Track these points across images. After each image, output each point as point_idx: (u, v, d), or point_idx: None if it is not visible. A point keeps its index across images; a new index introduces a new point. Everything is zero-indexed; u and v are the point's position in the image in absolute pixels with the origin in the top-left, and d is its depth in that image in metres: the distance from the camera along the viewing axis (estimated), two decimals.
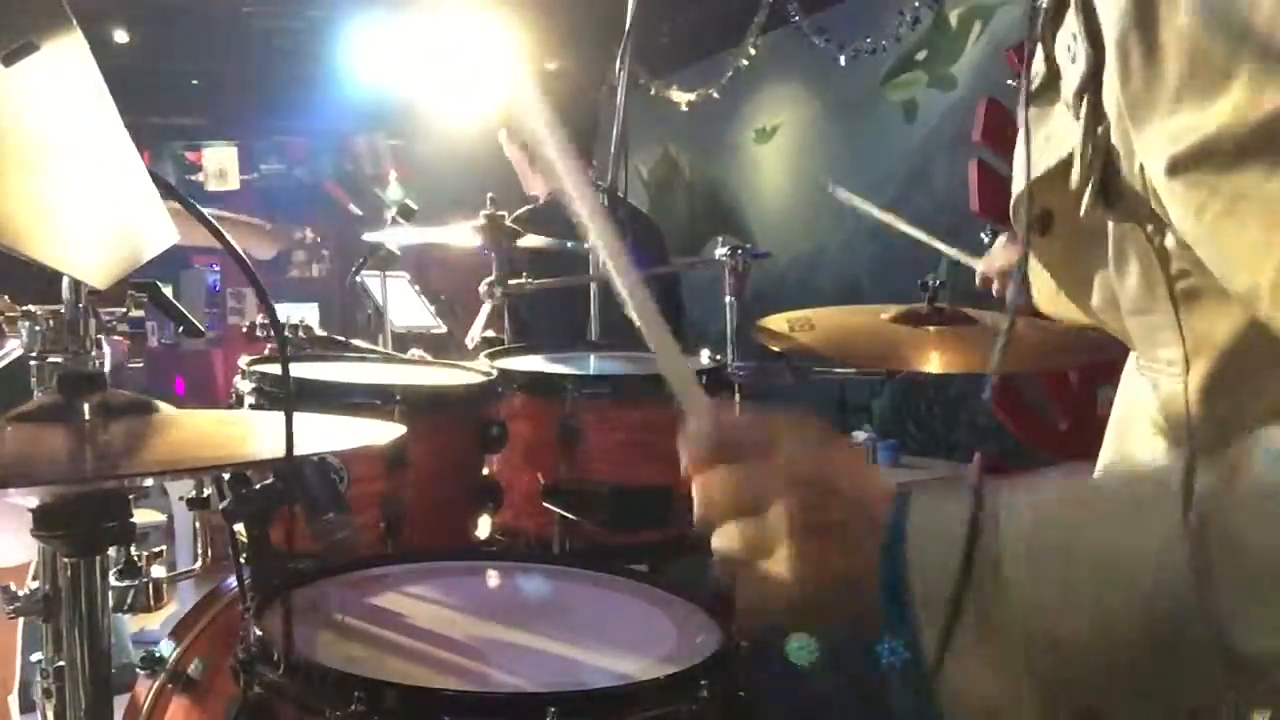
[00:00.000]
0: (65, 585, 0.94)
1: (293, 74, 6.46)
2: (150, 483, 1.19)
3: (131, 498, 0.92)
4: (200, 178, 7.37)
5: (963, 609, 0.62)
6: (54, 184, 0.79)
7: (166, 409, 0.96)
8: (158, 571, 1.34)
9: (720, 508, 0.70)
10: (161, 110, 6.89)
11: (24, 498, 0.88)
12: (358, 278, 3.15)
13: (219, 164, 7.46)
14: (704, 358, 1.86)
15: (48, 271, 0.98)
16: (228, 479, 1.20)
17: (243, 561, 1.24)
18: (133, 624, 3.25)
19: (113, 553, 1.24)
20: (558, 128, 0.74)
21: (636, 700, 0.96)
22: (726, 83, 5.34)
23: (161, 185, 0.86)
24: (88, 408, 0.90)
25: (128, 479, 0.93)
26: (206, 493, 1.41)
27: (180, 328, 1.27)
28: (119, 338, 1.09)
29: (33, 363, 1.10)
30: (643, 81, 5.35)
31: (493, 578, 1.35)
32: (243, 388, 1.55)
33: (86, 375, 0.94)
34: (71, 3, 0.75)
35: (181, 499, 1.48)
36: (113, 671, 0.96)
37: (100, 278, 0.87)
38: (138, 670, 1.48)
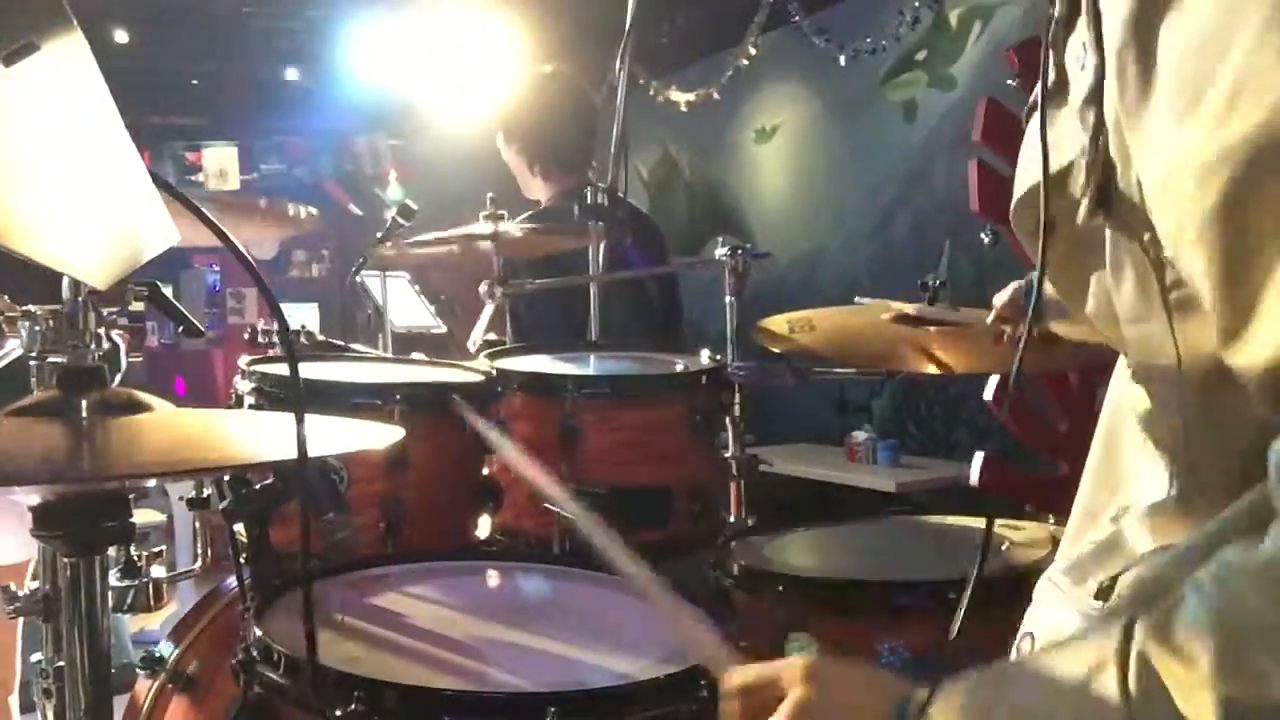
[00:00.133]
0: (65, 585, 0.94)
1: (293, 74, 6.46)
2: (150, 483, 1.19)
3: (131, 497, 0.92)
4: (200, 178, 7.36)
5: None
6: (54, 184, 0.79)
7: (165, 406, 0.96)
8: (158, 571, 1.34)
9: None
10: (161, 110, 6.88)
11: (23, 496, 0.88)
12: (358, 278, 3.15)
13: (219, 164, 7.45)
14: (704, 358, 1.86)
15: (48, 271, 0.98)
16: (228, 479, 1.20)
17: (243, 561, 1.24)
18: (133, 624, 3.26)
19: (113, 553, 1.24)
20: (555, 129, 0.75)
21: (636, 700, 0.96)
22: (726, 83, 5.33)
23: (161, 185, 0.86)
24: (85, 404, 0.90)
25: (127, 479, 0.92)
26: (206, 493, 1.41)
27: (180, 328, 1.27)
28: (119, 331, 1.08)
29: (32, 363, 1.10)
30: (643, 81, 5.34)
31: (493, 578, 1.35)
32: (243, 388, 1.56)
33: (86, 370, 0.94)
34: (71, 3, 0.75)
35: (181, 499, 1.48)
36: (113, 671, 0.96)
37: (100, 278, 0.87)
38: (138, 670, 1.49)
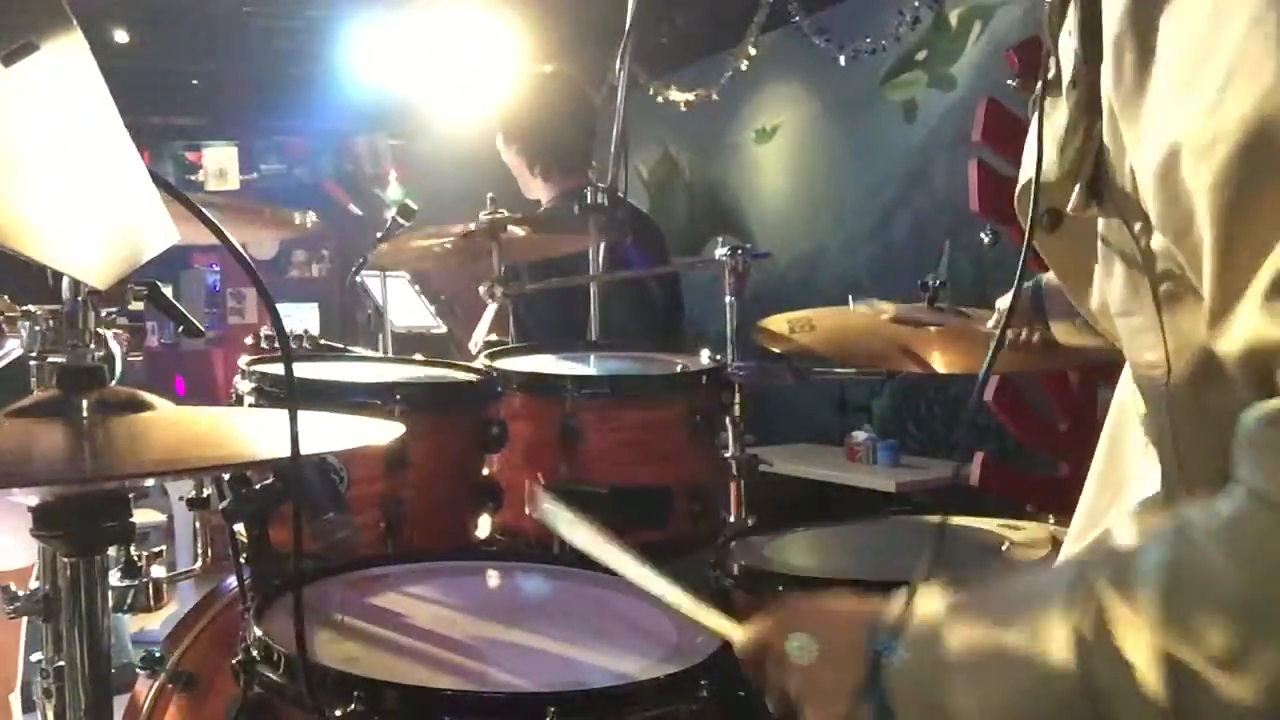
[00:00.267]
0: (65, 585, 0.94)
1: (293, 74, 6.46)
2: (150, 483, 1.19)
3: (131, 497, 0.92)
4: (200, 178, 7.36)
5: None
6: (54, 184, 0.79)
7: (165, 405, 0.96)
8: (158, 571, 1.34)
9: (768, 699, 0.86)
10: (161, 110, 6.88)
11: (24, 496, 0.88)
12: (358, 278, 3.15)
13: (219, 164, 7.45)
14: (704, 358, 1.85)
15: (48, 271, 0.98)
16: (228, 479, 1.20)
17: (243, 561, 1.24)
18: (133, 624, 3.25)
19: (113, 553, 1.24)
20: (555, 130, 0.76)
21: (636, 700, 0.96)
22: (726, 83, 5.33)
23: (162, 185, 0.86)
24: (86, 404, 0.90)
25: (127, 479, 0.92)
26: (206, 493, 1.41)
27: (180, 328, 1.27)
28: (119, 330, 1.08)
29: (32, 363, 1.10)
30: (642, 82, 5.34)
31: (493, 578, 1.35)
32: (243, 388, 1.56)
33: (86, 369, 0.94)
34: (71, 3, 0.75)
35: (181, 499, 1.48)
36: (113, 671, 0.96)
37: (100, 278, 0.87)
38: (138, 670, 1.49)
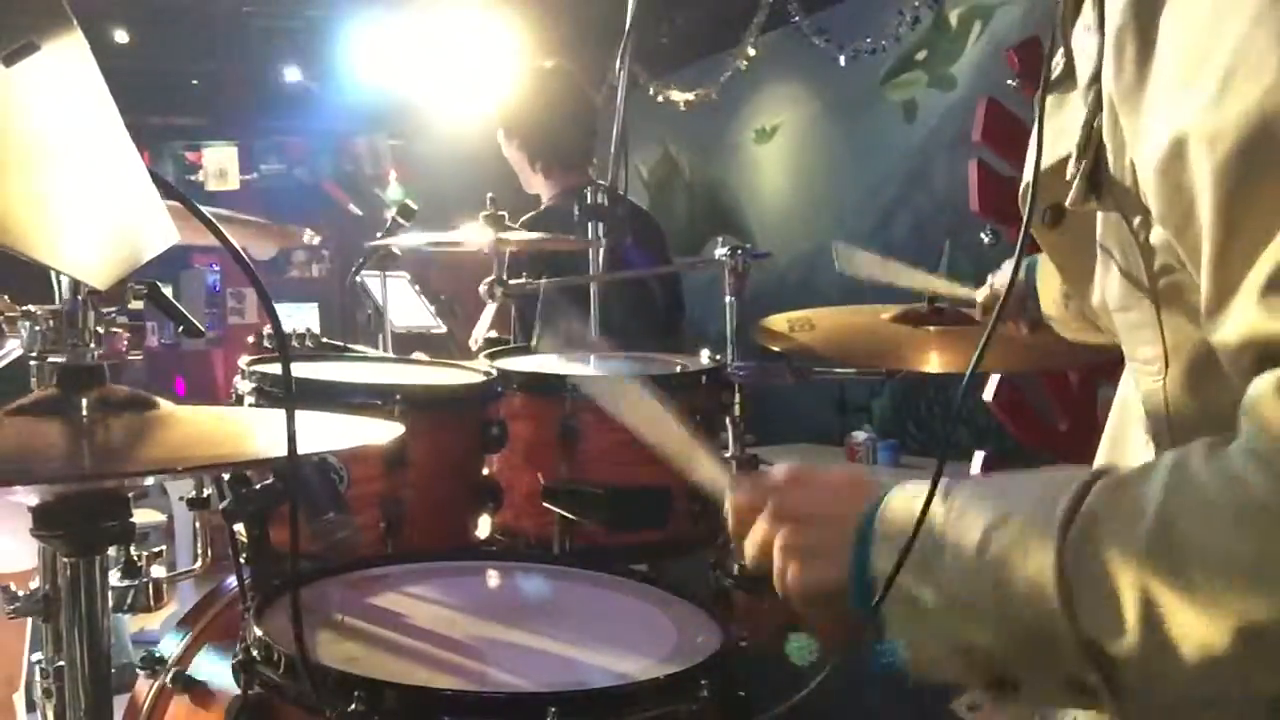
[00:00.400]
0: (65, 585, 0.94)
1: (293, 74, 6.46)
2: (150, 482, 1.19)
3: (131, 497, 0.92)
4: (200, 178, 7.36)
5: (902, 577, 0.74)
6: (54, 184, 0.79)
7: (166, 404, 0.96)
8: (158, 571, 1.34)
9: (755, 555, 0.88)
10: (161, 110, 6.88)
11: (24, 496, 0.88)
12: (358, 278, 3.15)
13: (219, 164, 7.45)
14: (704, 358, 1.86)
15: (48, 271, 0.97)
16: (228, 479, 1.20)
17: (243, 561, 1.24)
18: (133, 624, 3.25)
19: (113, 553, 1.24)
20: (556, 125, 0.77)
21: (636, 700, 0.96)
22: (726, 83, 5.33)
23: (161, 185, 0.86)
24: (86, 403, 0.90)
25: (127, 478, 0.92)
26: (206, 493, 1.41)
27: (180, 328, 1.27)
28: (118, 330, 1.08)
29: (32, 363, 1.10)
30: (642, 82, 5.34)
31: (493, 578, 1.35)
32: (243, 388, 1.55)
33: (85, 369, 0.94)
34: (71, 3, 0.75)
35: (181, 499, 1.48)
36: (113, 671, 0.96)
37: (100, 278, 0.87)
38: (138, 670, 1.48)
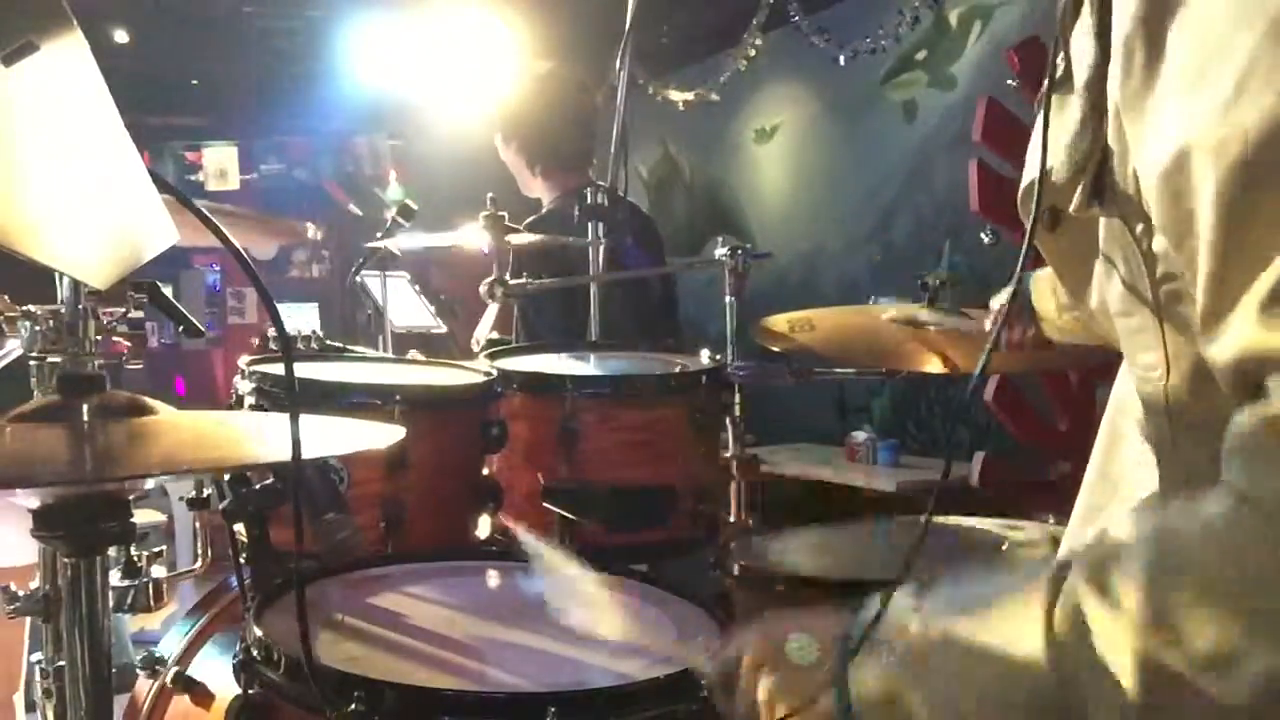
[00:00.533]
0: (65, 585, 0.94)
1: (293, 74, 6.46)
2: (150, 483, 1.19)
3: (132, 498, 0.92)
4: (200, 178, 7.37)
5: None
6: (54, 184, 0.79)
7: (166, 409, 0.96)
8: (158, 571, 1.34)
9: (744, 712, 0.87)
10: (161, 110, 6.88)
11: (25, 499, 0.88)
12: (358, 278, 3.15)
13: (219, 164, 7.46)
14: (704, 358, 1.85)
15: (48, 271, 0.98)
16: (228, 479, 1.20)
17: (243, 561, 1.24)
18: (133, 624, 3.25)
19: (113, 553, 1.24)
20: (554, 129, 0.76)
21: (636, 700, 0.96)
22: (726, 82, 5.33)
23: (161, 185, 0.86)
24: (87, 408, 0.90)
25: (128, 480, 0.92)
26: (206, 493, 1.41)
27: (180, 328, 1.27)
28: (119, 338, 1.09)
29: (32, 363, 1.10)
30: (642, 82, 5.34)
31: (493, 578, 1.35)
32: (243, 388, 1.55)
33: (86, 376, 0.94)
34: (71, 3, 0.75)
35: (181, 499, 1.48)
36: (113, 671, 0.96)
37: (100, 278, 0.87)
38: (138, 670, 1.49)
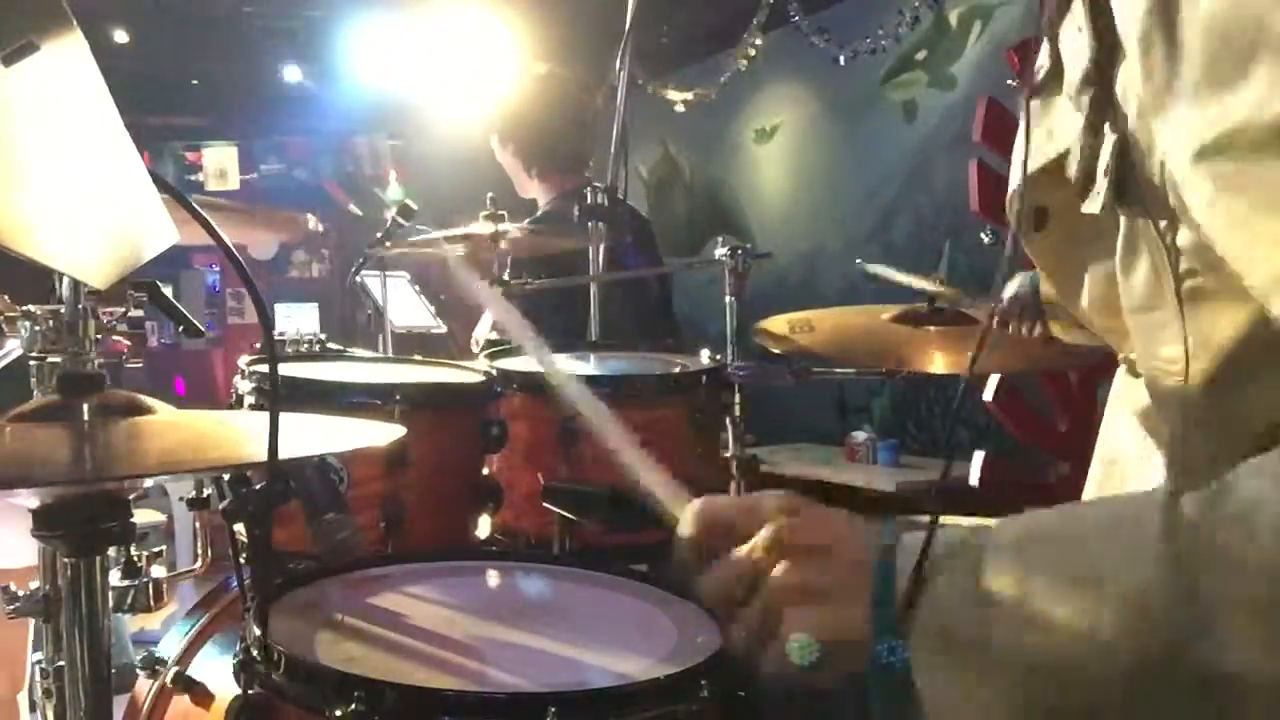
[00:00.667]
0: (65, 585, 0.94)
1: (293, 74, 6.46)
2: (150, 483, 1.19)
3: (131, 498, 0.92)
4: (200, 178, 7.38)
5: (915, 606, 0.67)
6: (54, 184, 0.79)
7: (166, 409, 0.96)
8: (158, 571, 1.34)
9: (723, 591, 0.79)
10: (161, 110, 6.89)
11: (25, 499, 0.88)
12: (358, 278, 3.15)
13: (219, 164, 7.46)
14: (704, 358, 1.85)
15: (48, 271, 0.98)
16: (228, 479, 1.20)
17: (243, 561, 1.24)
18: (133, 624, 3.25)
19: (113, 553, 1.24)
20: (551, 131, 0.76)
21: (636, 700, 0.96)
22: (726, 82, 5.33)
23: (162, 185, 0.86)
24: (86, 408, 0.90)
25: (127, 480, 0.92)
26: (206, 493, 1.41)
27: (180, 328, 1.27)
28: (118, 338, 1.08)
29: (32, 363, 1.10)
30: (642, 82, 5.34)
31: (493, 578, 1.35)
32: (243, 388, 1.55)
33: (85, 376, 0.94)
34: (71, 3, 0.75)
35: (181, 499, 1.48)
36: (113, 672, 0.96)
37: (100, 278, 0.87)
38: (138, 670, 1.48)
